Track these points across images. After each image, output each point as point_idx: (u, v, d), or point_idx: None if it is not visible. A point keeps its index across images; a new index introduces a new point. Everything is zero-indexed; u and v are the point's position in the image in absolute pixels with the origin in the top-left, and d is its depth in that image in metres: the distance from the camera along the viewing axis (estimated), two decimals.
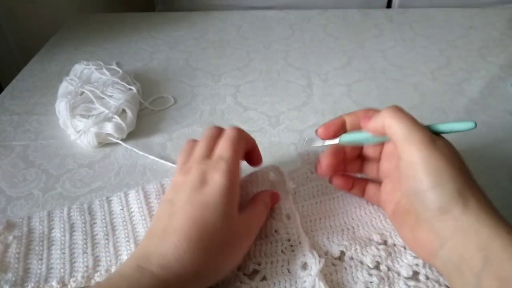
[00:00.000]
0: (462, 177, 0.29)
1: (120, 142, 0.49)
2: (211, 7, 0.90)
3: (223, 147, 0.34)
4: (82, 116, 0.49)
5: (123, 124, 0.49)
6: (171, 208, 0.31)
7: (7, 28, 1.01)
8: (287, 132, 0.51)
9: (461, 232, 0.28)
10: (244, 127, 0.51)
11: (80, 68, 0.58)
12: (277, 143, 0.49)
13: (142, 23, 0.82)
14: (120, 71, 0.57)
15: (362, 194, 0.38)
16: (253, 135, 0.50)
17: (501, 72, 0.62)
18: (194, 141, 0.37)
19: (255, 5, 0.91)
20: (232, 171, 0.33)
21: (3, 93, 0.61)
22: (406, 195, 0.32)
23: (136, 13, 0.87)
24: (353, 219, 0.38)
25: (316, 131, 0.37)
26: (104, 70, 0.56)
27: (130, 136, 0.51)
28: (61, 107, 0.51)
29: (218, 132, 0.37)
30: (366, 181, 0.38)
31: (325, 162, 0.36)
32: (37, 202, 0.43)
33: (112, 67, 0.58)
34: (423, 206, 0.30)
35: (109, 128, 0.48)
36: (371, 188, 0.38)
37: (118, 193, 0.41)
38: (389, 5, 0.93)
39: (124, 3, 1.11)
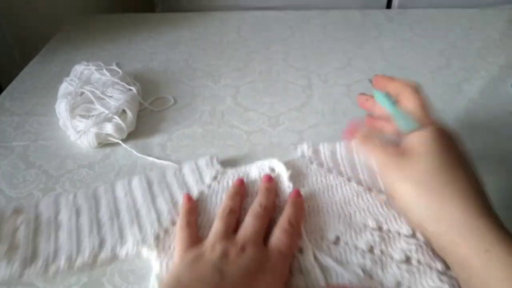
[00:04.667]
0: (432, 199, 0.30)
1: (120, 142, 0.49)
2: (211, 7, 0.90)
3: (283, 240, 0.34)
4: (82, 116, 0.49)
5: (123, 125, 0.49)
6: (220, 279, 0.30)
7: (7, 28, 1.01)
8: (287, 132, 0.51)
9: (440, 248, 0.30)
10: (244, 128, 0.52)
11: (80, 69, 0.58)
12: (277, 143, 0.49)
13: (142, 24, 0.82)
14: (120, 71, 0.57)
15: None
16: (253, 136, 0.51)
17: (500, 72, 0.63)
18: (241, 186, 0.40)
19: (255, 5, 0.91)
20: (286, 264, 0.33)
21: (3, 94, 0.61)
22: None
23: (136, 14, 0.87)
24: (350, 205, 0.39)
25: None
26: (104, 71, 0.56)
27: (130, 136, 0.51)
28: (61, 107, 0.51)
29: (272, 200, 0.38)
30: None
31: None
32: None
33: (112, 67, 0.58)
34: (408, 221, 0.34)
35: (109, 128, 0.48)
36: None
37: (122, 180, 0.43)
38: (388, 5, 0.93)
39: (124, 3, 1.11)
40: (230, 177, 0.42)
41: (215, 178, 0.42)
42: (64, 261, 0.35)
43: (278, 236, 0.34)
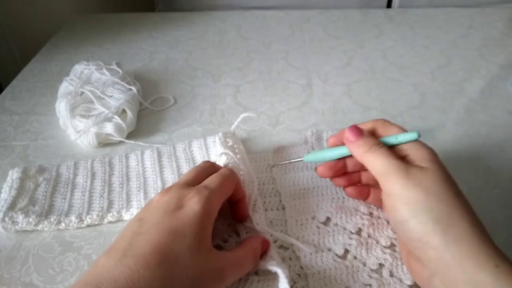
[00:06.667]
0: (441, 206, 0.28)
1: (124, 140, 0.49)
2: (211, 7, 0.90)
3: (212, 179, 0.33)
4: (82, 116, 0.49)
5: (123, 124, 0.49)
6: (138, 227, 0.29)
7: (7, 28, 1.01)
8: (287, 132, 0.51)
9: (443, 264, 0.27)
10: (244, 127, 0.52)
11: (80, 68, 0.58)
12: (277, 143, 0.49)
13: (142, 23, 0.82)
14: (120, 71, 0.57)
15: (380, 204, 0.37)
16: (253, 135, 0.51)
17: (501, 71, 0.62)
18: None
19: (255, 5, 0.91)
20: (213, 202, 0.31)
21: (3, 93, 0.61)
22: (393, 225, 0.32)
23: (136, 13, 0.87)
24: (343, 191, 0.40)
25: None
26: (104, 70, 0.56)
27: (130, 136, 0.51)
28: (61, 107, 0.51)
29: (212, 167, 0.36)
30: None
31: (321, 169, 0.37)
32: None
33: (112, 67, 0.58)
34: (405, 237, 0.30)
35: (109, 128, 0.48)
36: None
37: (136, 151, 0.47)
38: (389, 5, 0.93)
39: (124, 3, 1.11)
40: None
41: (220, 155, 0.44)
42: (75, 218, 0.39)
43: (210, 177, 0.34)
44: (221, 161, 0.40)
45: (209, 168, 0.36)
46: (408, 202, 0.29)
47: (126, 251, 0.27)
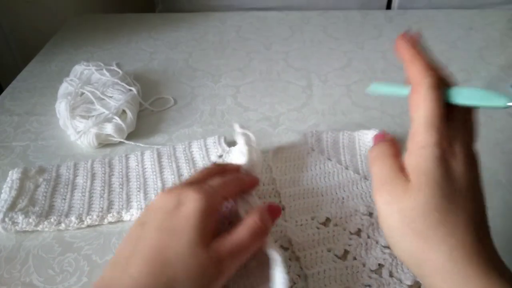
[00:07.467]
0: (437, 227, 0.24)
1: (124, 140, 0.49)
2: (211, 8, 0.90)
3: (216, 180, 0.32)
4: (82, 116, 0.49)
5: (123, 125, 0.49)
6: (140, 231, 0.29)
7: (7, 28, 1.01)
8: (287, 132, 0.51)
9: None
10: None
11: (80, 69, 0.58)
12: (277, 143, 0.49)
13: (142, 24, 0.82)
14: (120, 71, 0.57)
15: None
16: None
17: (501, 73, 0.63)
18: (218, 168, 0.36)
19: (255, 6, 0.91)
20: (213, 198, 0.30)
21: (3, 93, 0.61)
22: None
23: (136, 14, 0.87)
24: (344, 191, 0.41)
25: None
26: (104, 71, 0.56)
27: (130, 136, 0.51)
28: (61, 107, 0.51)
29: (218, 168, 0.36)
30: None
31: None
32: None
33: (112, 67, 0.58)
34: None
35: (109, 128, 0.48)
36: None
37: (135, 152, 0.47)
38: (388, 6, 0.93)
39: (124, 3, 1.11)
40: (235, 155, 0.44)
41: (220, 156, 0.45)
42: (75, 219, 0.39)
43: (213, 177, 0.33)
44: (241, 152, 0.39)
45: (216, 169, 0.35)
46: (387, 226, 0.26)
47: (128, 260, 0.27)
